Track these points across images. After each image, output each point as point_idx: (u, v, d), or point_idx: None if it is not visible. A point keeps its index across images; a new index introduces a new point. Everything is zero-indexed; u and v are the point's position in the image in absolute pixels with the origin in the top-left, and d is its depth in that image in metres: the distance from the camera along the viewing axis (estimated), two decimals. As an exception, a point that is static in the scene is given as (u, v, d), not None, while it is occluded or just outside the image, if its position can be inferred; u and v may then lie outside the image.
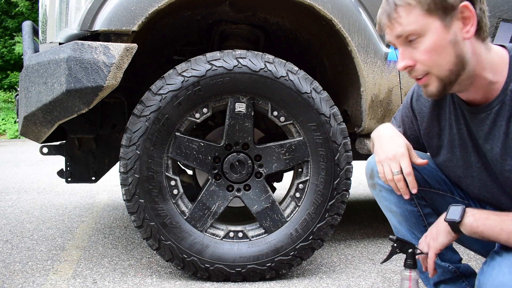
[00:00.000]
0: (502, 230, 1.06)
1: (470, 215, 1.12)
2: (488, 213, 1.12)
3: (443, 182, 1.35)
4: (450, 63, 1.07)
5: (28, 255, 2.14)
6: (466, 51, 1.07)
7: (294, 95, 1.74)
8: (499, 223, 1.07)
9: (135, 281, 1.80)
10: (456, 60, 1.06)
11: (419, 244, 1.27)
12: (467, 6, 1.03)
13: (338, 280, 1.83)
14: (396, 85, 1.92)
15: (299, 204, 1.82)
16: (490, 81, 1.10)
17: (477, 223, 1.10)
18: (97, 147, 2.19)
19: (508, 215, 1.09)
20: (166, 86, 1.69)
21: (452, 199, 1.35)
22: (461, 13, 1.04)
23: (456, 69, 1.07)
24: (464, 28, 1.05)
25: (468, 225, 1.11)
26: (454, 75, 1.08)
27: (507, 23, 1.96)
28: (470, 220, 1.11)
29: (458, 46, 1.06)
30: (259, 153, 1.80)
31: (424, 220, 1.37)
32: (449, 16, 1.04)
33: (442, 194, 1.35)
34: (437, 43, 1.05)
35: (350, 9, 1.83)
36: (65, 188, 4.24)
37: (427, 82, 1.11)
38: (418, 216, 1.37)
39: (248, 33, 2.08)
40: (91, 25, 1.66)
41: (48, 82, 1.60)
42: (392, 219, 1.43)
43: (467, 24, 1.05)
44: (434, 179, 1.35)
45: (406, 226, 1.39)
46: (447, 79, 1.08)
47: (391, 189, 1.32)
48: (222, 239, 1.80)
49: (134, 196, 1.70)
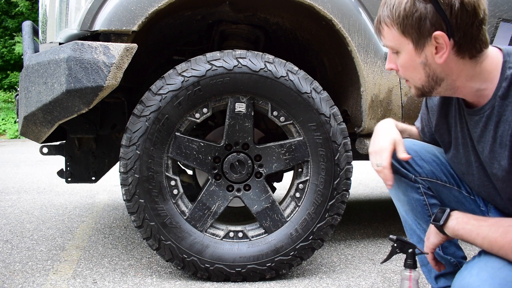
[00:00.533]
0: (478, 235, 1.09)
1: (453, 219, 1.16)
2: (470, 217, 1.15)
3: (451, 175, 1.39)
4: (421, 80, 1.14)
5: (28, 255, 2.14)
6: (439, 71, 1.11)
7: (294, 95, 1.74)
8: (476, 228, 1.11)
9: (135, 281, 1.80)
10: (427, 79, 1.13)
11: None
12: (441, 36, 1.05)
13: (338, 280, 1.83)
14: (396, 85, 1.92)
15: (299, 204, 1.82)
16: (478, 89, 1.12)
17: (458, 226, 1.14)
18: (97, 147, 2.20)
19: (486, 220, 1.12)
20: (166, 86, 1.69)
21: (458, 193, 1.38)
22: (434, 40, 1.06)
23: (428, 85, 1.14)
24: (437, 54, 1.08)
25: (450, 228, 1.16)
26: (427, 88, 1.15)
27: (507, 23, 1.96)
28: (452, 223, 1.16)
29: (430, 67, 1.11)
30: (259, 153, 1.80)
31: (429, 210, 1.39)
32: (422, 41, 1.08)
33: (449, 187, 1.39)
34: (408, 63, 1.13)
35: (350, 9, 1.83)
36: (65, 188, 4.24)
37: (409, 85, 1.20)
38: (424, 205, 1.39)
39: (248, 33, 2.08)
40: (91, 25, 1.66)
41: (48, 82, 1.60)
42: (400, 208, 1.46)
43: (439, 51, 1.07)
44: (442, 172, 1.38)
45: (412, 215, 1.42)
46: (422, 89, 1.17)
47: (399, 177, 1.39)
48: (222, 239, 1.80)
49: (134, 196, 1.70)
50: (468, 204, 1.38)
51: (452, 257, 1.41)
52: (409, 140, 1.45)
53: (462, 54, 1.08)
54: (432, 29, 1.06)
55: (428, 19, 1.05)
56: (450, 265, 1.41)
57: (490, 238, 1.06)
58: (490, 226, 1.08)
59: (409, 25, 1.08)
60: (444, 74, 1.11)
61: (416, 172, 1.38)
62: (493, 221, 1.11)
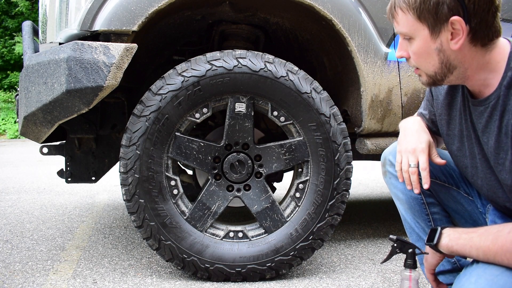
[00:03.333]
0: (471, 248, 1.10)
1: (445, 236, 1.17)
2: (460, 231, 1.16)
3: (449, 176, 1.39)
4: (435, 67, 1.13)
5: (28, 255, 2.14)
6: (453, 58, 1.10)
7: (294, 95, 1.74)
8: (468, 241, 1.11)
9: (135, 281, 1.80)
10: (440, 65, 1.12)
11: None
12: (458, 21, 1.05)
13: (338, 280, 1.83)
14: (396, 85, 1.92)
15: (299, 204, 1.82)
16: (485, 78, 1.12)
17: (451, 243, 1.15)
18: (97, 147, 2.20)
19: (476, 231, 1.12)
20: (166, 86, 1.69)
21: (457, 193, 1.38)
22: (451, 25, 1.06)
23: (441, 72, 1.13)
24: (452, 40, 1.07)
25: (444, 246, 1.16)
26: (440, 75, 1.14)
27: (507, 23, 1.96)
28: (445, 241, 1.16)
29: (444, 54, 1.10)
30: (259, 153, 1.80)
31: (427, 209, 1.40)
32: (438, 26, 1.07)
33: (447, 186, 1.39)
34: (423, 49, 1.12)
35: (350, 9, 1.83)
36: (65, 188, 4.24)
37: (419, 73, 1.18)
38: (421, 203, 1.40)
39: (248, 33, 2.08)
40: (91, 25, 1.66)
41: (48, 82, 1.60)
42: (399, 206, 1.47)
43: (455, 37, 1.07)
44: (441, 172, 1.39)
45: (411, 214, 1.42)
46: (434, 77, 1.15)
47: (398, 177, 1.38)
48: (222, 239, 1.80)
49: (134, 196, 1.70)
50: (467, 205, 1.38)
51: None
52: None
53: (475, 42, 1.08)
54: (449, 14, 1.05)
55: (446, 4, 1.04)
56: (448, 263, 1.41)
57: (483, 247, 1.06)
58: (480, 236, 1.09)
59: (425, 10, 1.06)
60: (457, 61, 1.10)
61: None
62: (482, 230, 1.11)
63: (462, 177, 1.39)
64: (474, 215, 1.37)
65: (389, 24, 1.91)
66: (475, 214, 1.37)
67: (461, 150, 1.28)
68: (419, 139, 1.31)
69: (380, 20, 1.89)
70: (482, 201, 1.36)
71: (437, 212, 1.40)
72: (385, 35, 1.91)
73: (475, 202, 1.37)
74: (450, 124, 1.30)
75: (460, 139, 1.27)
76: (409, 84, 1.95)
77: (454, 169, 1.40)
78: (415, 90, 1.95)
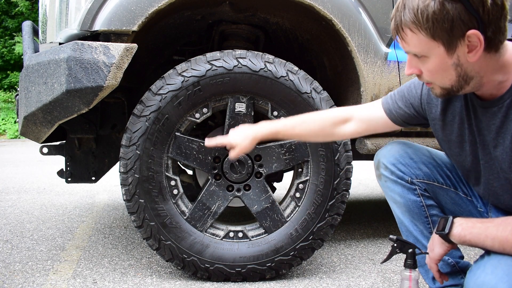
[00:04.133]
0: (486, 237, 1.08)
1: (458, 225, 1.15)
2: (474, 221, 1.15)
3: (447, 177, 1.39)
4: (452, 80, 1.09)
5: (28, 255, 2.14)
6: (470, 69, 1.07)
7: (294, 95, 1.74)
8: (483, 230, 1.10)
9: (135, 281, 1.80)
10: (457, 79, 1.09)
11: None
12: (474, 35, 1.01)
13: (338, 280, 1.83)
14: (396, 85, 1.92)
15: (299, 204, 1.82)
16: (500, 81, 1.10)
17: (464, 232, 1.13)
18: (97, 147, 2.19)
19: (492, 221, 1.11)
20: (166, 86, 1.69)
21: (455, 194, 1.38)
22: (467, 39, 1.02)
23: (458, 85, 1.10)
24: (469, 53, 1.04)
25: (456, 235, 1.15)
26: (456, 88, 1.11)
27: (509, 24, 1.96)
28: (458, 230, 1.15)
29: (461, 67, 1.07)
30: (259, 153, 1.80)
31: (426, 211, 1.39)
32: (454, 42, 1.03)
33: (445, 188, 1.39)
34: (439, 66, 1.07)
35: (350, 9, 1.83)
36: (65, 188, 4.24)
37: (432, 86, 1.15)
38: (421, 206, 1.39)
39: (248, 33, 2.08)
40: (91, 25, 1.66)
41: (48, 82, 1.60)
42: (396, 210, 1.46)
43: (472, 49, 1.03)
44: (438, 174, 1.39)
45: (409, 217, 1.41)
46: (449, 89, 1.12)
47: (396, 179, 1.39)
48: (222, 239, 1.80)
49: (134, 196, 1.70)
50: (465, 206, 1.38)
51: (450, 257, 1.41)
52: (402, 141, 1.45)
53: (490, 49, 1.05)
54: (465, 29, 1.01)
55: (460, 19, 1.00)
56: (447, 265, 1.41)
57: (500, 238, 1.05)
58: (498, 226, 1.07)
59: (439, 29, 1.02)
60: (474, 72, 1.08)
61: (413, 174, 1.38)
62: (499, 221, 1.10)
63: (460, 178, 1.39)
64: (473, 215, 1.37)
65: (389, 24, 1.91)
66: (475, 214, 1.37)
67: (461, 155, 1.27)
68: None
69: (380, 20, 1.89)
70: (483, 200, 1.35)
71: (436, 214, 1.40)
72: (385, 35, 1.91)
73: (474, 202, 1.37)
74: (445, 130, 1.29)
75: (460, 144, 1.26)
76: (409, 84, 1.94)
77: (451, 170, 1.39)
78: (415, 90, 1.95)
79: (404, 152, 1.40)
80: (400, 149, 1.42)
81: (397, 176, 1.39)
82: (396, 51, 1.93)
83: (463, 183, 1.38)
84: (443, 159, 1.42)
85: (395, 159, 1.40)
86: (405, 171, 1.38)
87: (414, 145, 1.44)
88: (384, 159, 1.43)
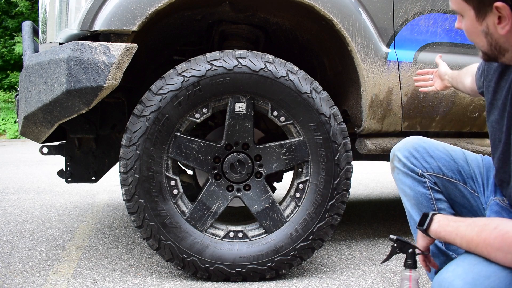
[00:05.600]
0: (456, 235, 1.13)
1: (435, 222, 1.20)
2: (450, 219, 1.19)
3: (457, 172, 1.41)
4: (485, 47, 1.13)
5: (28, 255, 2.14)
6: (503, 42, 1.09)
7: (294, 95, 1.74)
8: (455, 229, 1.14)
9: (135, 281, 1.80)
10: (490, 47, 1.12)
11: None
12: (502, 7, 1.03)
13: (338, 280, 1.83)
14: (396, 85, 1.92)
15: (299, 204, 1.82)
16: None
17: (439, 229, 1.18)
18: (97, 147, 2.19)
19: (464, 221, 1.15)
20: (166, 86, 1.69)
21: (464, 188, 1.41)
22: (497, 10, 1.04)
23: (492, 53, 1.13)
24: (499, 24, 1.06)
25: (433, 231, 1.20)
26: (492, 55, 1.14)
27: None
28: (435, 226, 1.20)
29: (492, 37, 1.09)
30: (259, 153, 1.80)
31: (434, 205, 1.41)
32: (484, 9, 1.07)
33: (454, 182, 1.41)
34: (471, 29, 1.12)
35: (350, 9, 1.83)
36: (65, 188, 4.24)
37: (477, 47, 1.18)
38: (429, 199, 1.41)
39: (248, 33, 2.08)
40: (91, 25, 1.66)
41: (48, 82, 1.60)
42: (406, 203, 1.48)
43: (502, 21, 1.05)
44: (449, 169, 1.41)
45: (417, 210, 1.43)
46: (488, 55, 1.15)
47: (407, 172, 1.42)
48: (222, 239, 1.80)
49: (134, 196, 1.70)
50: (473, 201, 1.41)
51: (453, 252, 1.43)
52: (418, 137, 1.48)
53: None
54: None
55: None
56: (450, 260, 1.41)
57: (467, 237, 1.09)
58: (467, 226, 1.11)
59: None
60: (508, 44, 1.09)
61: (423, 167, 1.41)
62: (470, 221, 1.13)
63: (470, 174, 1.42)
64: (478, 210, 1.40)
65: (389, 24, 1.91)
66: (479, 209, 1.40)
67: (500, 123, 1.27)
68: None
69: (380, 20, 1.89)
70: (485, 198, 1.38)
71: (444, 209, 1.41)
72: (385, 35, 1.91)
73: (480, 198, 1.40)
74: (496, 93, 1.29)
75: (502, 112, 1.26)
76: (409, 84, 1.95)
77: (463, 165, 1.42)
78: (415, 90, 1.95)
79: (419, 146, 1.43)
80: (414, 143, 1.45)
81: (408, 169, 1.42)
82: (396, 51, 1.93)
83: (472, 179, 1.41)
84: (457, 155, 1.44)
85: (409, 152, 1.43)
86: (416, 164, 1.41)
87: (429, 140, 1.46)
88: (399, 152, 1.46)
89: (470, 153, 1.46)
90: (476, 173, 1.42)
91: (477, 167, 1.42)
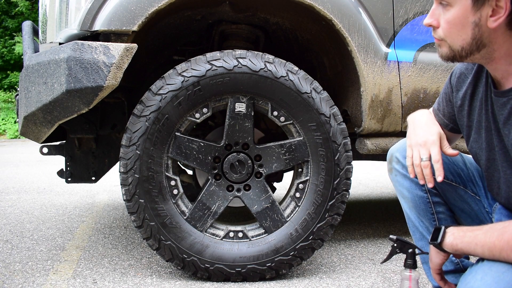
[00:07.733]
0: (476, 245, 1.08)
1: (450, 235, 1.15)
2: (465, 230, 1.14)
3: (457, 175, 1.38)
4: (465, 41, 1.09)
5: (28, 255, 2.14)
6: (486, 36, 1.07)
7: (294, 95, 1.74)
8: (473, 238, 1.09)
9: (135, 281, 1.80)
10: (471, 41, 1.08)
11: None
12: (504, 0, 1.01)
13: (338, 280, 1.83)
14: (396, 85, 1.92)
15: (299, 204, 1.82)
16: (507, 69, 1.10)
17: (456, 241, 1.13)
18: (97, 147, 2.19)
19: (480, 228, 1.11)
20: (166, 86, 1.69)
21: (464, 192, 1.38)
22: (496, 1, 1.02)
23: (468, 49, 1.09)
24: (492, 17, 1.04)
25: (449, 245, 1.15)
26: (465, 52, 1.10)
27: None
28: (450, 239, 1.15)
29: (479, 29, 1.06)
30: (259, 153, 1.80)
31: (432, 208, 1.39)
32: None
33: (454, 185, 1.38)
34: (459, 19, 1.07)
35: (350, 9, 1.83)
36: (65, 188, 4.24)
37: (440, 44, 1.14)
38: (427, 202, 1.39)
39: (248, 33, 2.08)
40: (91, 25, 1.66)
41: (48, 82, 1.60)
42: (404, 205, 1.46)
43: (496, 13, 1.04)
44: (449, 171, 1.37)
45: (415, 213, 1.41)
46: (457, 52, 1.11)
47: (405, 174, 1.37)
48: (222, 239, 1.80)
49: (134, 196, 1.70)
50: (474, 204, 1.38)
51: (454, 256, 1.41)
52: None
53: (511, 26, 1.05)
54: None
55: None
56: (451, 263, 1.41)
57: (488, 244, 1.05)
58: (486, 233, 1.07)
59: None
60: (488, 40, 1.07)
61: None
62: (487, 227, 1.10)
63: (470, 177, 1.39)
64: (480, 214, 1.37)
65: (389, 24, 1.91)
66: (482, 213, 1.37)
67: (477, 141, 1.26)
68: (429, 131, 1.28)
69: (380, 20, 1.89)
70: (489, 201, 1.35)
71: (442, 212, 1.40)
72: (385, 35, 1.91)
73: (482, 201, 1.37)
74: (470, 115, 1.27)
75: (478, 130, 1.25)
76: (409, 84, 1.95)
77: (462, 168, 1.39)
78: (415, 90, 1.95)
79: None
80: None
81: (407, 170, 1.37)
82: (396, 51, 1.93)
83: (472, 182, 1.38)
84: (455, 158, 1.41)
85: None
86: None
87: None
88: (397, 153, 1.43)
89: (468, 156, 1.43)
90: (476, 176, 1.39)
91: (476, 169, 1.39)
